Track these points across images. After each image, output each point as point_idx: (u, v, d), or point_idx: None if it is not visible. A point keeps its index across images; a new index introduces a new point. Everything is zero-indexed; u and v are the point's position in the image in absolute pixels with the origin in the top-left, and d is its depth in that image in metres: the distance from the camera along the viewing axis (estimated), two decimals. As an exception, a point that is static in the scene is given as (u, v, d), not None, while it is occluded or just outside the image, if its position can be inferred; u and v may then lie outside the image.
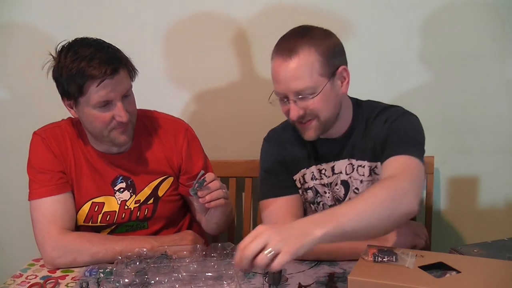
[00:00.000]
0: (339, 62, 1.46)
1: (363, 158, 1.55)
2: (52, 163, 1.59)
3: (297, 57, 1.40)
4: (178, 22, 2.03)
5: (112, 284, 1.39)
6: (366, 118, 1.55)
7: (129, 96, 1.53)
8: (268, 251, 1.09)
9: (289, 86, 1.42)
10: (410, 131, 1.49)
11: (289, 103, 1.45)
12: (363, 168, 1.55)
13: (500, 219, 2.16)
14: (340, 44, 1.48)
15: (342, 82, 1.48)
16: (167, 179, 1.69)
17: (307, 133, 1.50)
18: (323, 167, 1.59)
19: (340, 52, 1.48)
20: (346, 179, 1.57)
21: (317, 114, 1.45)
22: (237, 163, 2.08)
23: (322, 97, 1.43)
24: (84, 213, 1.63)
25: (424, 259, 1.22)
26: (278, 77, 1.44)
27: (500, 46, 2.02)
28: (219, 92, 2.10)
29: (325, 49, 1.42)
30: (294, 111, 1.45)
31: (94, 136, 1.58)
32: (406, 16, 2.00)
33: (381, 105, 1.58)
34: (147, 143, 1.67)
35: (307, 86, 1.41)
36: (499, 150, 2.12)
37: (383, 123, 1.51)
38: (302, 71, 1.40)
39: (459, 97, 2.08)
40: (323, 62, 1.41)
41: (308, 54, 1.40)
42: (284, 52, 1.42)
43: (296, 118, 1.46)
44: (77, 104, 1.49)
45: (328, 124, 1.49)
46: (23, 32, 2.05)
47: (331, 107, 1.47)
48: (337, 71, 1.45)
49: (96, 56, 1.44)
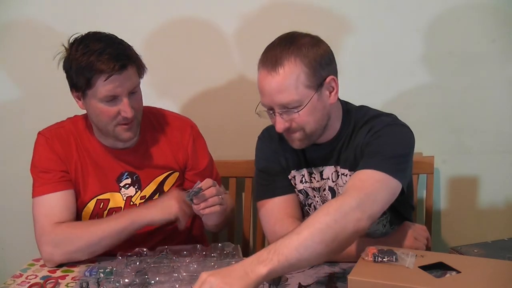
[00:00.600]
0: (327, 72, 1.41)
1: (345, 166, 1.52)
2: (54, 163, 1.60)
3: (282, 69, 1.36)
4: (178, 22, 2.03)
5: (112, 284, 1.39)
6: (353, 126, 1.51)
7: (136, 93, 1.55)
8: None
9: (274, 99, 1.39)
10: (388, 144, 1.41)
11: (275, 115, 1.43)
12: (345, 177, 1.52)
13: (500, 219, 2.16)
14: (329, 52, 1.43)
15: (330, 92, 1.43)
16: (173, 174, 1.70)
17: (293, 143, 1.49)
18: (313, 171, 1.58)
19: (328, 62, 1.42)
20: (332, 185, 1.56)
21: (303, 127, 1.43)
22: (237, 163, 2.08)
23: (309, 110, 1.40)
24: (89, 210, 1.64)
25: (424, 259, 1.22)
26: (264, 90, 1.41)
27: (500, 46, 2.02)
28: (219, 92, 2.10)
29: (311, 60, 1.38)
30: (280, 124, 1.42)
31: (99, 129, 1.60)
32: (406, 16, 2.00)
33: (371, 112, 1.52)
34: (153, 139, 1.68)
35: (292, 99, 1.37)
36: (499, 150, 2.12)
37: (366, 133, 1.46)
38: (287, 84, 1.36)
39: (459, 97, 2.08)
40: (309, 73, 1.37)
41: (294, 66, 1.36)
42: (269, 64, 1.38)
43: (282, 131, 1.44)
44: (84, 96, 1.52)
45: (315, 135, 1.47)
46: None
47: (318, 119, 1.43)
48: (325, 82, 1.41)
49: (105, 51, 1.46)
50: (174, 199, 1.56)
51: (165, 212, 1.55)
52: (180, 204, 1.55)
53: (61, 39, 1.53)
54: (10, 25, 2.04)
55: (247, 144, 2.10)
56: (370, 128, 1.46)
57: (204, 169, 1.73)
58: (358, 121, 1.51)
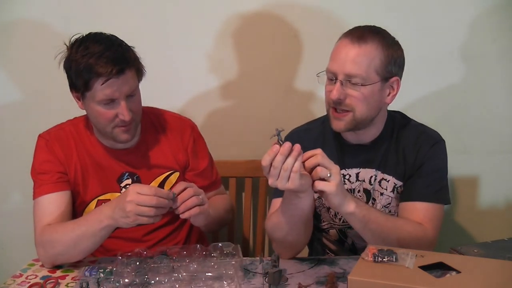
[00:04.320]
0: (396, 71, 1.48)
1: (390, 173, 1.56)
2: (52, 164, 1.60)
3: (364, 46, 1.43)
4: (178, 21, 2.03)
5: (112, 284, 1.39)
6: (397, 132, 1.58)
7: (135, 95, 1.54)
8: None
9: (345, 66, 1.43)
10: (441, 170, 1.55)
11: (336, 83, 1.45)
12: (387, 182, 1.56)
13: (500, 219, 2.16)
14: (403, 58, 1.51)
15: (390, 92, 1.50)
16: (173, 174, 1.70)
17: (337, 123, 1.50)
18: (347, 172, 1.59)
19: (400, 64, 1.50)
20: (369, 188, 1.58)
21: (354, 108, 1.46)
22: (237, 163, 2.08)
23: (367, 92, 1.45)
24: (90, 211, 1.63)
25: (424, 259, 1.22)
26: (338, 56, 1.45)
27: (500, 46, 2.02)
28: (219, 92, 2.10)
29: (390, 53, 1.45)
30: (337, 92, 1.45)
31: (98, 130, 1.60)
32: (406, 16, 2.00)
33: (412, 121, 1.62)
34: (154, 139, 1.69)
35: (359, 74, 1.43)
36: (499, 150, 2.12)
37: (417, 147, 1.54)
38: (362, 59, 1.43)
39: (459, 97, 2.08)
40: (383, 62, 1.44)
41: (375, 48, 1.44)
42: (354, 36, 1.45)
43: (335, 99, 1.45)
44: (83, 97, 1.52)
45: (361, 124, 1.49)
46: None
47: (370, 107, 1.47)
48: (390, 79, 1.48)
49: (104, 54, 1.45)
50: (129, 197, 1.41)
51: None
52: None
53: (61, 39, 1.53)
54: (10, 25, 2.04)
55: (247, 144, 2.11)
56: (421, 144, 1.55)
57: (204, 170, 1.73)
58: (402, 128, 1.59)
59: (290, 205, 1.40)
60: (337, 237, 1.67)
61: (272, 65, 2.08)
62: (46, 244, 1.51)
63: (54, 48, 1.52)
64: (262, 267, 1.45)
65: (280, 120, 1.66)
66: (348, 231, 1.63)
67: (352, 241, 1.65)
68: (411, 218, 1.48)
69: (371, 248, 1.25)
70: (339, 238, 1.67)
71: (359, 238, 1.55)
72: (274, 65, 2.08)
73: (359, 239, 1.58)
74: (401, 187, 1.56)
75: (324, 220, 1.66)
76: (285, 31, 2.04)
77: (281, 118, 2.08)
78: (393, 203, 1.57)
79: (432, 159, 1.54)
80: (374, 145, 1.57)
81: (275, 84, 2.10)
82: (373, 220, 1.39)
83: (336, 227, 1.65)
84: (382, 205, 1.58)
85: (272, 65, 2.08)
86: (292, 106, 2.10)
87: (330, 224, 1.65)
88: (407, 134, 1.58)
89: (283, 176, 1.26)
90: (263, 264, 1.46)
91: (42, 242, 1.52)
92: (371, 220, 1.38)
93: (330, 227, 1.66)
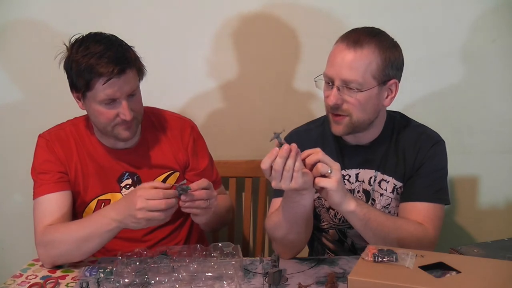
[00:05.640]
0: (393, 74, 1.47)
1: (390, 173, 1.56)
2: (52, 164, 1.60)
3: (360, 51, 1.42)
4: (178, 21, 2.03)
5: (112, 284, 1.39)
6: (397, 133, 1.58)
7: (136, 95, 1.55)
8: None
9: (341, 72, 1.43)
10: (440, 170, 1.55)
11: (333, 88, 1.46)
12: (387, 183, 1.56)
13: (500, 219, 2.16)
14: (402, 60, 1.50)
15: (388, 94, 1.49)
16: (173, 174, 1.70)
17: (336, 127, 1.50)
18: (347, 172, 1.59)
19: (398, 67, 1.49)
20: (368, 189, 1.58)
21: (351, 113, 1.46)
22: (237, 163, 2.08)
23: (364, 98, 1.44)
24: (90, 211, 1.64)
25: (424, 259, 1.22)
26: (334, 61, 1.45)
27: (500, 46, 2.02)
28: (219, 92, 2.10)
29: (387, 56, 1.44)
30: (334, 97, 1.45)
31: (99, 130, 1.60)
32: (406, 16, 2.00)
33: (412, 122, 1.62)
34: (154, 139, 1.69)
35: (356, 80, 1.42)
36: (499, 150, 2.12)
37: (417, 147, 1.54)
38: (358, 64, 1.42)
39: (459, 97, 2.08)
40: (380, 66, 1.43)
41: (371, 53, 1.42)
42: (350, 41, 1.44)
43: (332, 104, 1.46)
44: (84, 97, 1.52)
45: (359, 127, 1.50)
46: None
47: (367, 112, 1.47)
48: (388, 82, 1.47)
49: (105, 54, 1.46)
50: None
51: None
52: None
53: (61, 39, 1.53)
54: (10, 25, 2.03)
55: (247, 144, 2.11)
56: (420, 145, 1.55)
57: (204, 170, 1.73)
58: (402, 128, 1.59)
59: (292, 203, 1.40)
60: (336, 237, 1.67)
61: (272, 65, 2.08)
62: (47, 244, 1.51)
63: (54, 48, 1.52)
64: (262, 267, 1.45)
65: (280, 120, 1.67)
66: (348, 231, 1.63)
67: (352, 241, 1.65)
68: (411, 218, 1.48)
69: (371, 248, 1.25)
70: (339, 238, 1.67)
71: (358, 238, 1.56)
72: (274, 65, 2.08)
73: (358, 239, 1.58)
74: (401, 188, 1.56)
75: (324, 220, 1.66)
76: (285, 31, 2.04)
77: (281, 118, 2.08)
78: (392, 204, 1.57)
79: (432, 159, 1.54)
80: (373, 145, 1.57)
81: (275, 84, 2.10)
82: (373, 219, 1.39)
83: (335, 227, 1.65)
84: (382, 206, 1.58)
85: (272, 65, 2.08)
86: (292, 106, 2.10)
87: (330, 224, 1.65)
88: (407, 134, 1.58)
89: (286, 177, 1.26)
90: (263, 264, 1.46)
91: (43, 242, 1.52)
92: (371, 219, 1.39)
93: (329, 227, 1.66)
